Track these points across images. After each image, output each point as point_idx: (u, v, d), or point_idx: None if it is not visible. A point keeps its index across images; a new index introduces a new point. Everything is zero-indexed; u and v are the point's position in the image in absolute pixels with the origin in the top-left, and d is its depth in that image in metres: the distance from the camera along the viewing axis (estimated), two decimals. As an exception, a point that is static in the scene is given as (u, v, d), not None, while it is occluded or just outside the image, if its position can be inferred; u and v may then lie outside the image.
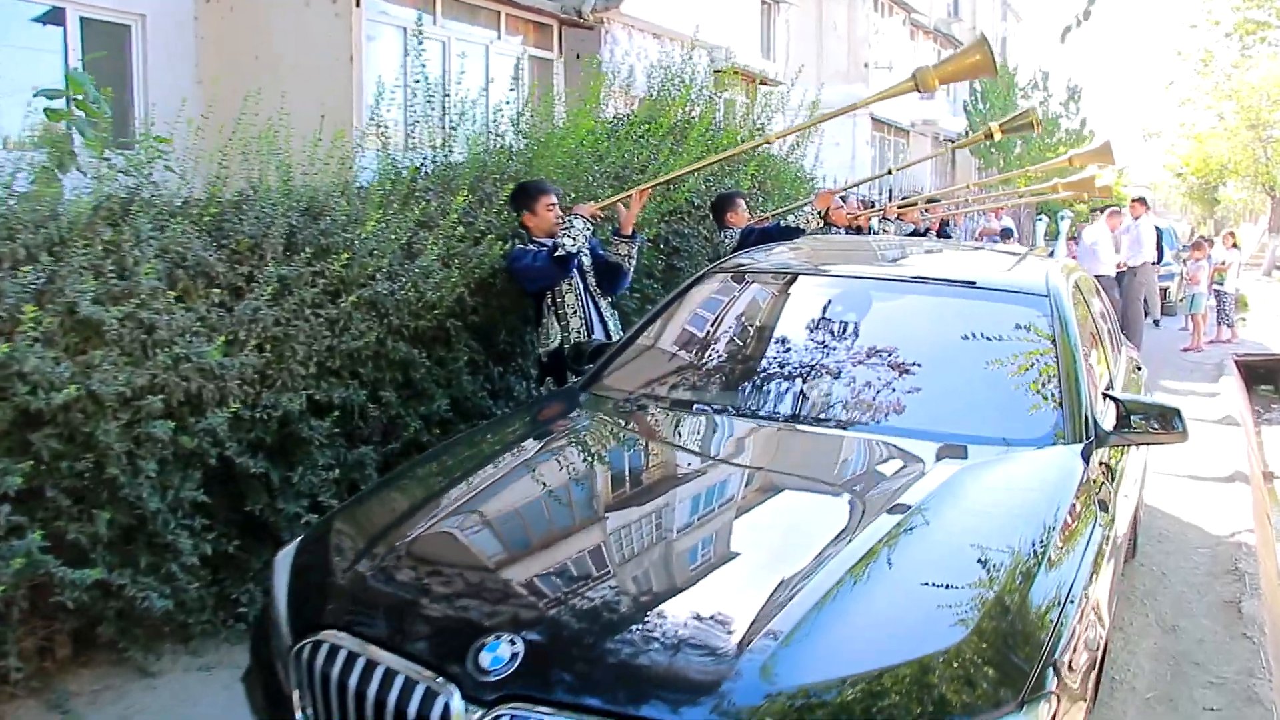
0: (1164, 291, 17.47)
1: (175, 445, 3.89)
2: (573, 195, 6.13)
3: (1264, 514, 7.02)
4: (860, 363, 3.66)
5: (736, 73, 16.24)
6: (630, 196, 5.57)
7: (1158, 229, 15.51)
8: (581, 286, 5.47)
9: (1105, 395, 3.61)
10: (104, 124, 4.59)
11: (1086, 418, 3.37)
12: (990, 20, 38.44)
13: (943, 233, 12.66)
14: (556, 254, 5.19)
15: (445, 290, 5.11)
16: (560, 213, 5.42)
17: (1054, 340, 3.63)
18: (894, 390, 3.50)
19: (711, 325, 4.22)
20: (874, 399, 3.49)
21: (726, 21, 16.50)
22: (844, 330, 3.89)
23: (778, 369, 3.79)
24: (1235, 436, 8.50)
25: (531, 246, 5.37)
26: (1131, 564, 5.29)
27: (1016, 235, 16.54)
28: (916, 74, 4.95)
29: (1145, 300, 14.58)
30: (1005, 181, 14.93)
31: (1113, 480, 3.47)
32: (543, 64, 13.10)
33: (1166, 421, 3.48)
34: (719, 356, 4.04)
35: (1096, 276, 13.91)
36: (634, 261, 5.59)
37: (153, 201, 4.30)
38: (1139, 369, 5.84)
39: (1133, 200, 13.92)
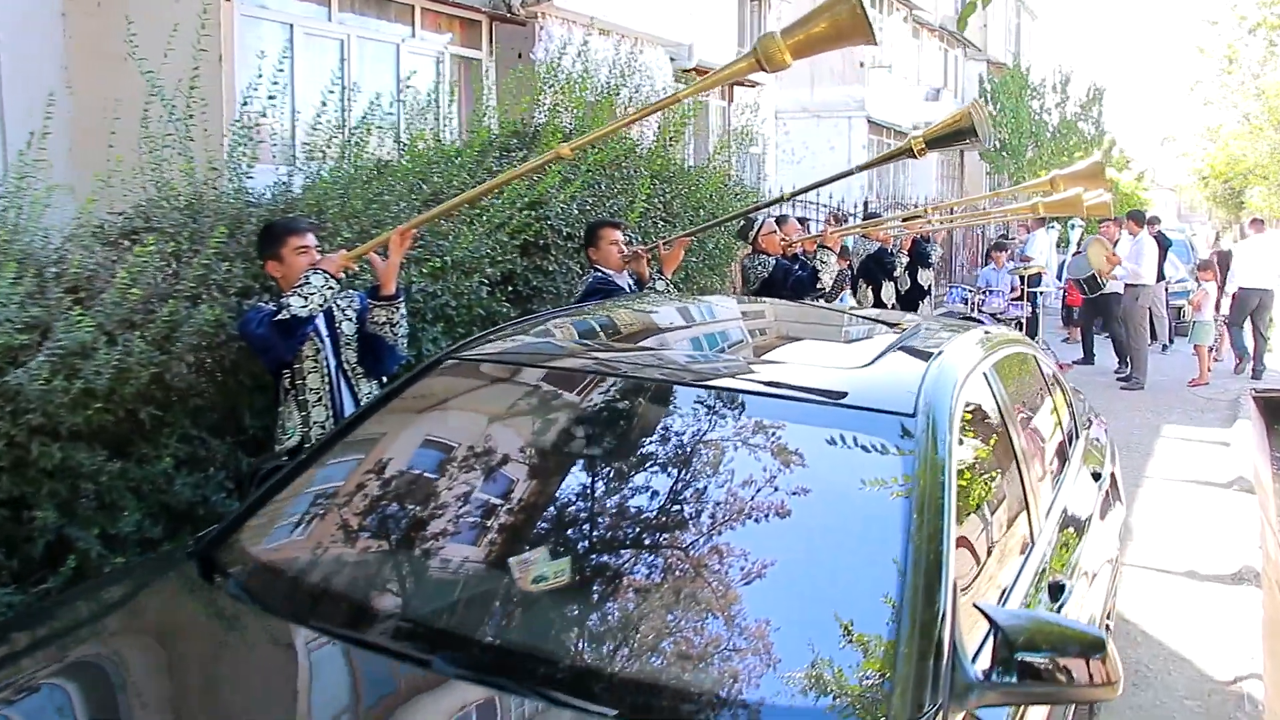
0: (1177, 311, 15.85)
1: None
2: (374, 232, 4.72)
3: None
4: (580, 558, 2.24)
5: (703, 73, 14.86)
6: (388, 241, 4.11)
7: (1168, 241, 13.91)
8: (333, 364, 4.08)
9: (977, 608, 2.12)
10: None
11: (940, 664, 1.91)
12: (1004, 17, 36.76)
13: (920, 252, 11.16)
14: (279, 318, 3.80)
15: (132, 369, 3.70)
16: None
17: (912, 504, 2.18)
18: (609, 619, 2.07)
19: (402, 460, 2.78)
20: (574, 634, 2.06)
21: (695, 18, 15.05)
22: (578, 490, 2.49)
23: (461, 563, 2.36)
24: (1248, 511, 6.96)
25: (268, 307, 3.98)
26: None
27: (1009, 249, 14.86)
28: (759, 46, 3.49)
29: (1153, 322, 13.02)
30: (970, 204, 13.36)
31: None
32: (472, 65, 11.72)
33: (1083, 658, 2.01)
34: (392, 524, 2.58)
35: (1102, 295, 12.59)
36: (401, 331, 4.15)
37: None
38: (1103, 453, 4.37)
39: (1127, 216, 12.34)
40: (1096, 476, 3.72)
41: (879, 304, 9.73)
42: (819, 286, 6.61)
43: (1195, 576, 5.75)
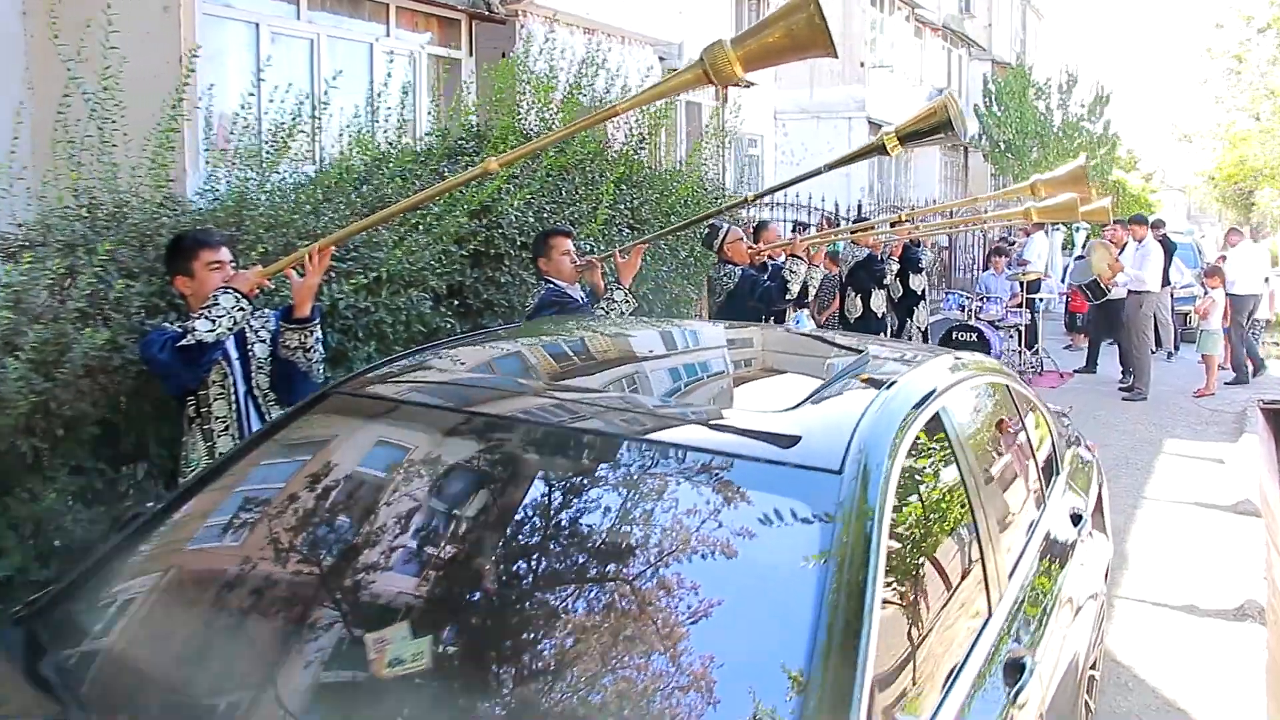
0: (1183, 317, 15.42)
1: None
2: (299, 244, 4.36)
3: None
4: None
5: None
6: (304, 258, 3.74)
7: (1173, 245, 13.51)
8: (241, 390, 3.73)
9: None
10: None
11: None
12: (1008, 16, 36.32)
13: (909, 257, 10.77)
14: (183, 343, 3.45)
15: (8, 398, 3.35)
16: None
17: (827, 586, 1.82)
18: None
19: (261, 520, 2.40)
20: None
21: (686, 16, 14.67)
22: (451, 559, 2.13)
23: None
24: (1253, 537, 6.56)
25: (172, 329, 3.63)
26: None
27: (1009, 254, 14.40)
28: (706, 56, 3.12)
29: (1158, 329, 12.62)
30: (957, 209, 12.95)
31: None
32: (451, 64, 11.35)
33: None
34: (238, 600, 2.21)
35: (1107, 301, 12.16)
36: (316, 357, 3.78)
37: None
38: (1089, 480, 3.98)
39: (1130, 221, 11.92)
40: (1077, 519, 3.32)
41: (869, 313, 9.35)
42: (787, 297, 6.23)
43: (1194, 611, 5.36)
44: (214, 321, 3.49)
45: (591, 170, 6.44)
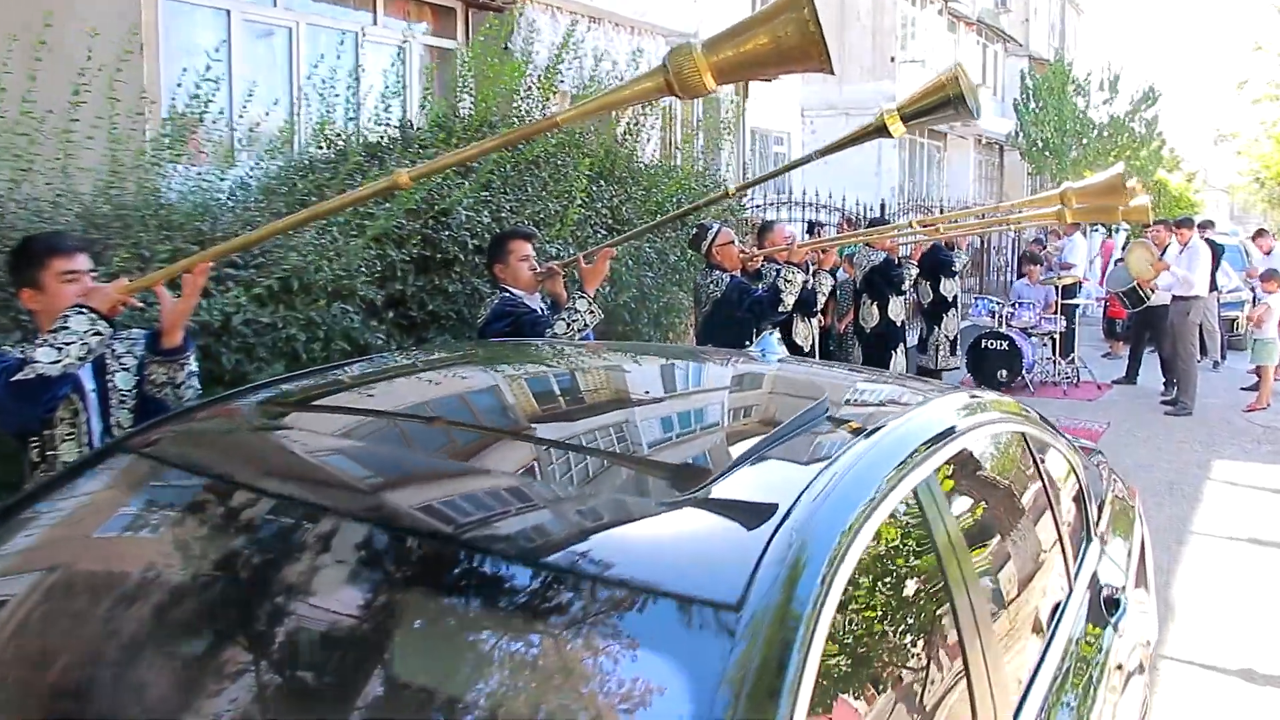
0: (1231, 323, 14.49)
1: None
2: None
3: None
4: None
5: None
6: (183, 270, 3.06)
7: (1220, 247, 12.59)
8: (97, 429, 3.11)
9: None
10: None
11: None
12: (1046, 11, 35.26)
13: (942, 260, 9.99)
14: (19, 377, 2.81)
15: None
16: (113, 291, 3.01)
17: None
18: None
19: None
20: None
21: (700, 4, 13.94)
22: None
23: None
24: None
25: (12, 354, 2.98)
26: None
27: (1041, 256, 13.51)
28: (670, 63, 2.39)
29: (1203, 336, 11.74)
30: (977, 214, 12.13)
31: None
32: (446, 55, 10.71)
33: None
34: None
35: (1149, 307, 11.28)
36: (190, 394, 3.11)
37: None
38: (1129, 528, 3.23)
39: (1176, 224, 11.03)
40: (1113, 606, 2.57)
41: (887, 322, 8.59)
42: (780, 310, 5.51)
43: (1252, 678, 4.58)
44: (60, 349, 2.83)
45: (564, 164, 5.73)
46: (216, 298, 3.64)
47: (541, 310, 4.41)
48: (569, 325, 4.19)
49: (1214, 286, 11.81)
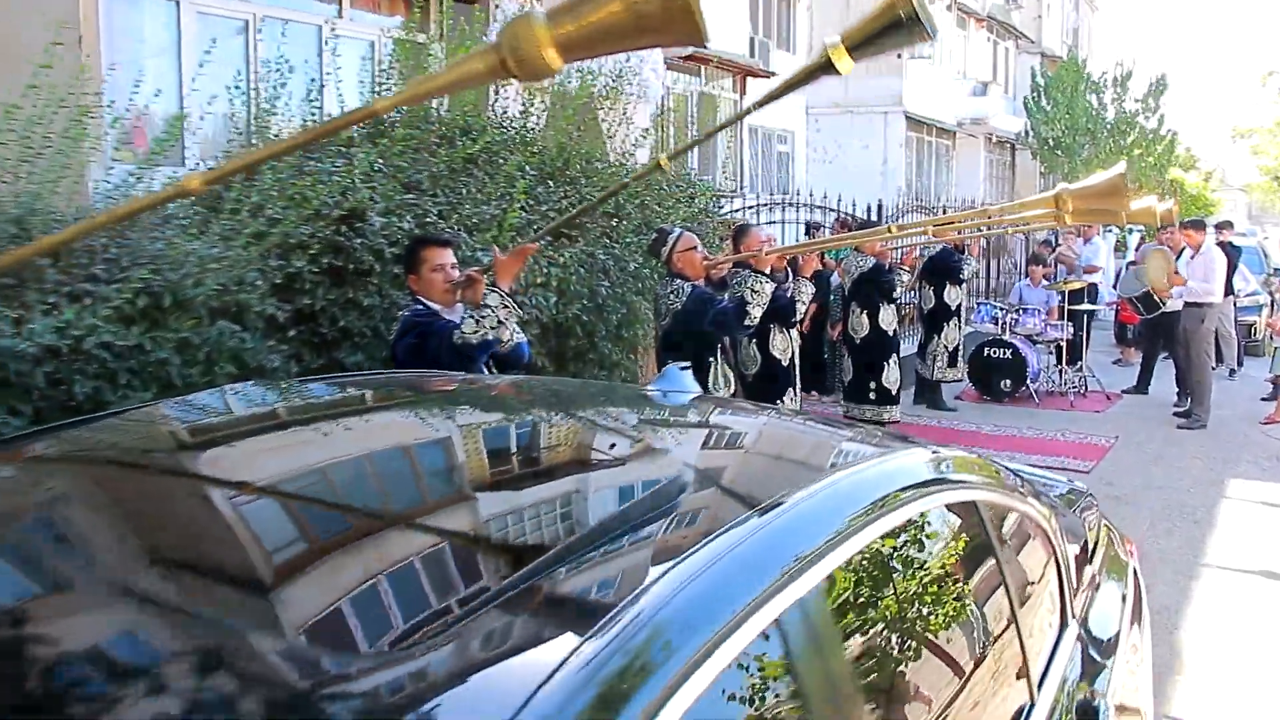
0: (1248, 329, 13.86)
1: None
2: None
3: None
4: None
5: (700, 60, 13.29)
6: None
7: (1237, 249, 11.99)
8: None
9: None
10: None
11: None
12: (1059, 7, 34.60)
13: (949, 266, 9.45)
14: None
15: None
16: None
17: None
18: None
19: None
20: None
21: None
22: None
23: None
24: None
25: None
26: None
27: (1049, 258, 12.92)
28: (505, 36, 1.85)
29: (1219, 342, 11.14)
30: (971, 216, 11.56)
31: None
32: (418, 50, 10.20)
33: None
34: None
35: (1163, 314, 10.66)
36: None
37: None
38: (1122, 573, 2.69)
39: (1185, 225, 10.42)
40: (1089, 715, 2.01)
41: (878, 331, 8.04)
42: (747, 323, 4.98)
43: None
44: None
45: (507, 161, 5.19)
46: (54, 317, 3.14)
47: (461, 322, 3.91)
48: (479, 324, 3.68)
49: (1230, 290, 11.23)
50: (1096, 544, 2.84)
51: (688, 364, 3.42)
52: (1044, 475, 3.41)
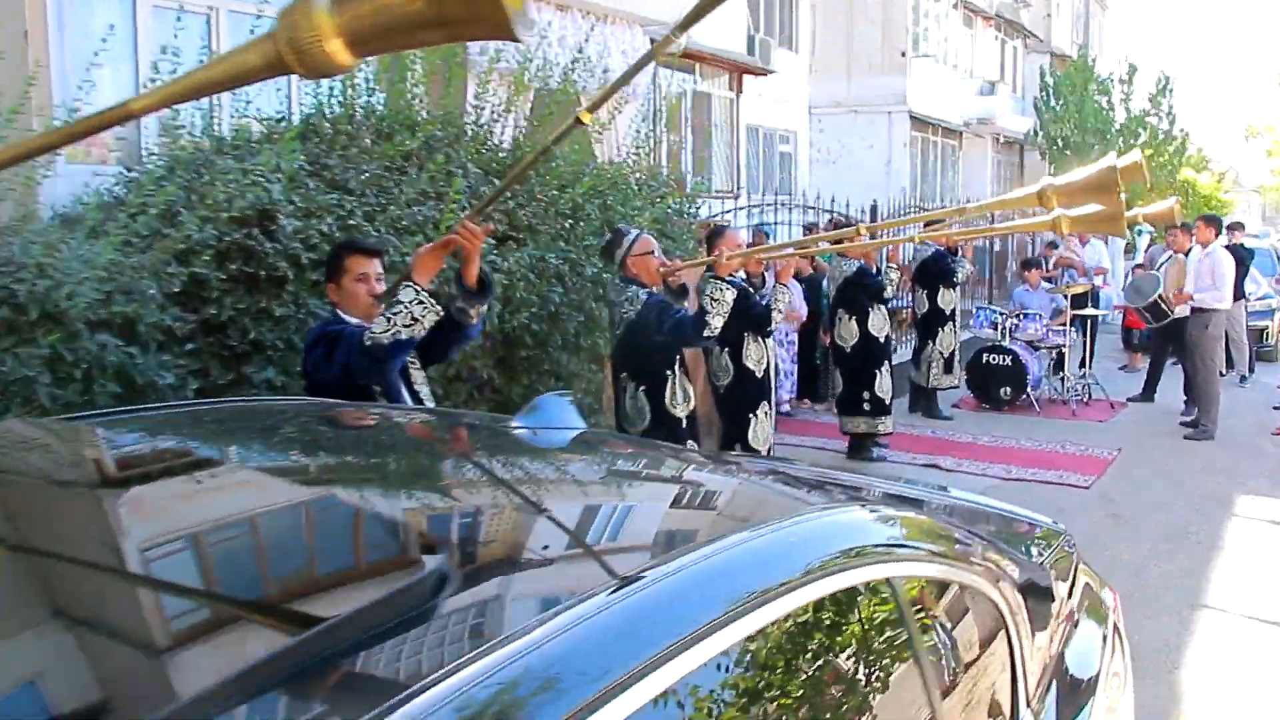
0: (1260, 333, 13.41)
1: None
2: None
3: None
4: None
5: (692, 57, 12.91)
6: None
7: (1248, 250, 11.56)
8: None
9: None
10: None
11: None
12: (1069, 6, 34.11)
13: (943, 269, 9.04)
14: None
15: None
16: None
17: None
18: None
19: None
20: None
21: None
22: None
23: None
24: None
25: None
26: None
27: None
28: (281, 22, 1.44)
29: (1229, 349, 10.71)
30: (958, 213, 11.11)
31: None
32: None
33: None
34: None
35: (1174, 320, 10.15)
36: None
37: None
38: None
39: (1198, 220, 9.97)
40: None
41: (868, 337, 7.64)
42: (706, 334, 4.58)
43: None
44: None
45: (449, 159, 4.81)
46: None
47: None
48: (390, 322, 3.24)
49: (1241, 294, 10.79)
50: (1069, 595, 2.44)
51: (568, 391, 3.02)
52: (1025, 514, 3.00)
